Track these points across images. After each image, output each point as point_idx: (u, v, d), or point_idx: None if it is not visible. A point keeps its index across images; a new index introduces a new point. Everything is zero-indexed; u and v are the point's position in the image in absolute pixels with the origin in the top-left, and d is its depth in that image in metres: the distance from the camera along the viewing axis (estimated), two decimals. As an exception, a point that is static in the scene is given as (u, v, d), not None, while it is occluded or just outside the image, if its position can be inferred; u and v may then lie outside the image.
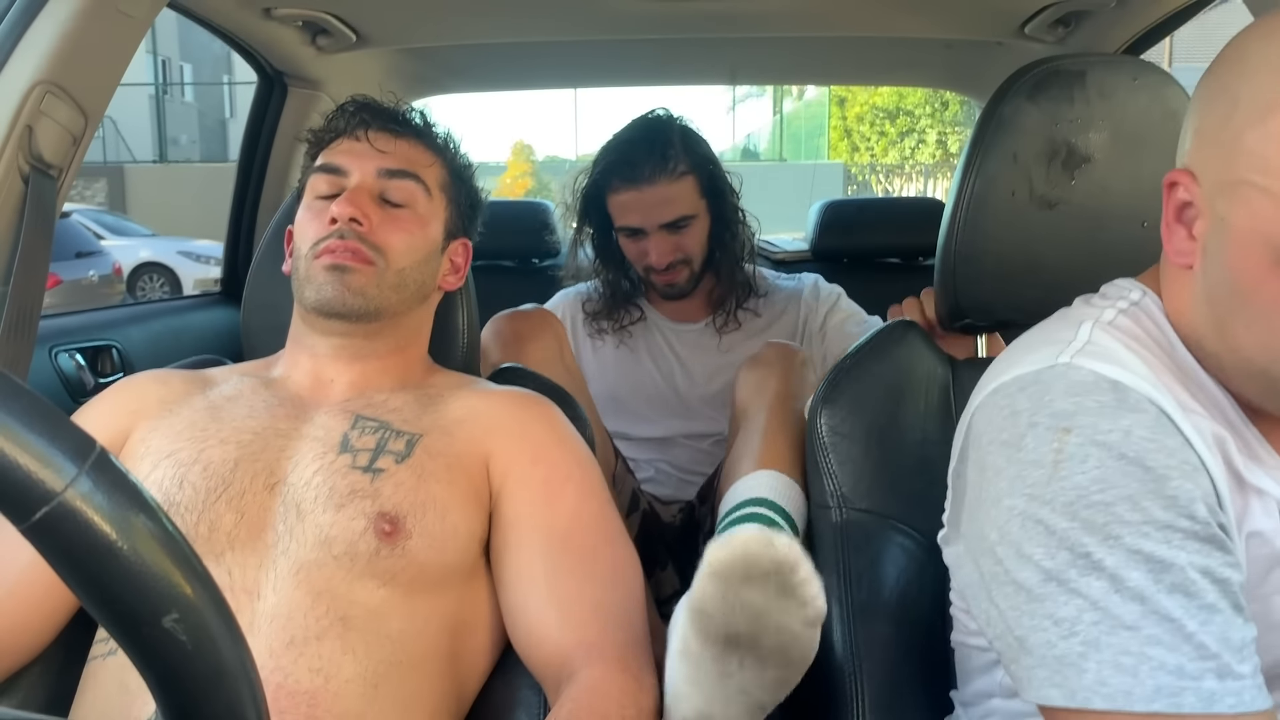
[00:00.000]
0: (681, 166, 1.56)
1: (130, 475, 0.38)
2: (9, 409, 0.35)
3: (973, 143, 0.98)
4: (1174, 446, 0.59)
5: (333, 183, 1.01)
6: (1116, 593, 0.56)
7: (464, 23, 1.84)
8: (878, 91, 17.26)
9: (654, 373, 1.66)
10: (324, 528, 0.85)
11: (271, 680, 0.77)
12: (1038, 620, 0.59)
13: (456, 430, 0.95)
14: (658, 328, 1.70)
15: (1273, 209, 0.57)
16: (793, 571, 0.70)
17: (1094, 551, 0.57)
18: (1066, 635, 0.57)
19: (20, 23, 1.02)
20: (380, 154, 1.01)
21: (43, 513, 0.35)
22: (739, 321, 1.66)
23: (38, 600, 0.86)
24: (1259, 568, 0.63)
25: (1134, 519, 0.57)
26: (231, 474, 0.88)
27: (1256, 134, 0.59)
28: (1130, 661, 0.55)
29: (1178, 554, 0.56)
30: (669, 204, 1.56)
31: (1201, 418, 0.63)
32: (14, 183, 1.02)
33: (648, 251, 1.59)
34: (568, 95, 18.51)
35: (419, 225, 1.01)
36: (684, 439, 1.63)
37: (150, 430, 0.94)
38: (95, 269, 8.52)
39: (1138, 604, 0.55)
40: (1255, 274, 0.59)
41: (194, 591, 0.38)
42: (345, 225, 0.96)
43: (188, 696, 0.38)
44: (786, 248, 2.49)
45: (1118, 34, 1.74)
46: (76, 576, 0.36)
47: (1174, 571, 0.55)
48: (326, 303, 0.95)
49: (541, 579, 0.89)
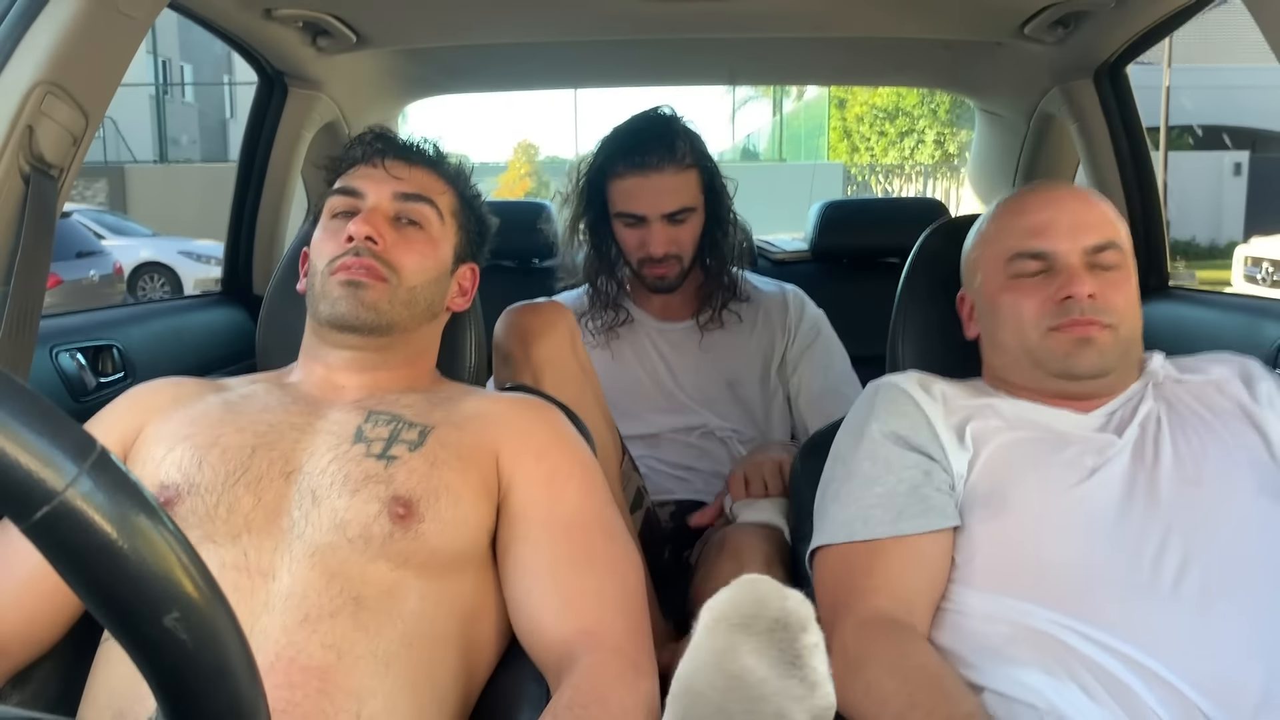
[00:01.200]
0: (688, 159, 1.58)
1: (131, 475, 0.38)
2: (9, 409, 0.35)
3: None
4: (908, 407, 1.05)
5: (349, 204, 1.06)
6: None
7: (464, 23, 1.84)
8: (877, 92, 17.24)
9: (639, 372, 1.68)
10: (339, 512, 0.88)
11: (285, 655, 0.80)
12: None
13: (467, 425, 0.98)
14: (643, 327, 1.71)
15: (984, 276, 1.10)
16: (802, 630, 0.59)
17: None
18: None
19: (20, 23, 1.02)
20: (396, 179, 1.06)
21: (43, 512, 0.35)
22: (722, 322, 1.68)
23: (49, 595, 0.87)
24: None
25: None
26: (249, 459, 0.91)
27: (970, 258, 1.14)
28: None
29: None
30: (674, 193, 1.57)
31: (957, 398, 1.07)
32: (14, 183, 1.02)
33: (646, 241, 1.60)
34: (568, 95, 18.51)
35: (431, 247, 1.06)
36: (671, 434, 1.65)
37: (164, 421, 0.96)
38: (96, 269, 8.52)
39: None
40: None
41: (195, 590, 0.38)
42: (361, 243, 1.00)
43: (188, 695, 0.38)
44: (786, 248, 2.49)
45: (1117, 35, 1.74)
46: (77, 576, 0.36)
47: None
48: (340, 316, 1.00)
49: (544, 570, 0.92)
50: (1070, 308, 0.99)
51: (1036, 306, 1.01)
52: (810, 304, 1.75)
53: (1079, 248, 1.01)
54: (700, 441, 1.63)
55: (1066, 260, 1.01)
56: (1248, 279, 9.35)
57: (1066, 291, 0.99)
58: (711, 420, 1.63)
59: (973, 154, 2.71)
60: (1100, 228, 1.03)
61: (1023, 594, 0.88)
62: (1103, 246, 1.02)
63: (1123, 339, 1.01)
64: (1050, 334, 1.00)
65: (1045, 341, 1.00)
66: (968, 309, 1.15)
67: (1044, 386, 1.03)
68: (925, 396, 1.04)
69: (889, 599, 0.92)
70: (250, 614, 0.81)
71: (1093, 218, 1.04)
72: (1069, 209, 1.04)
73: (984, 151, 2.57)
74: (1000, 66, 2.13)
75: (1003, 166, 2.41)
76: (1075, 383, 1.01)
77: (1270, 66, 3.24)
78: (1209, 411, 0.99)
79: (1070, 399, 1.03)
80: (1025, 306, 1.02)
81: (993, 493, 0.95)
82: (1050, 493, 0.93)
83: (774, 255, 2.43)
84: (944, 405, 1.03)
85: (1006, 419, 1.01)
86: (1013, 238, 1.06)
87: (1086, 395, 1.03)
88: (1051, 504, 0.93)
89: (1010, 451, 0.98)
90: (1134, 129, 1.89)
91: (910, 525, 0.95)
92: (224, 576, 0.83)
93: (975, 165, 2.67)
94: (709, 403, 1.65)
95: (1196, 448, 0.95)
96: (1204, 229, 14.79)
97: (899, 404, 1.03)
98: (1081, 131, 1.93)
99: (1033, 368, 1.03)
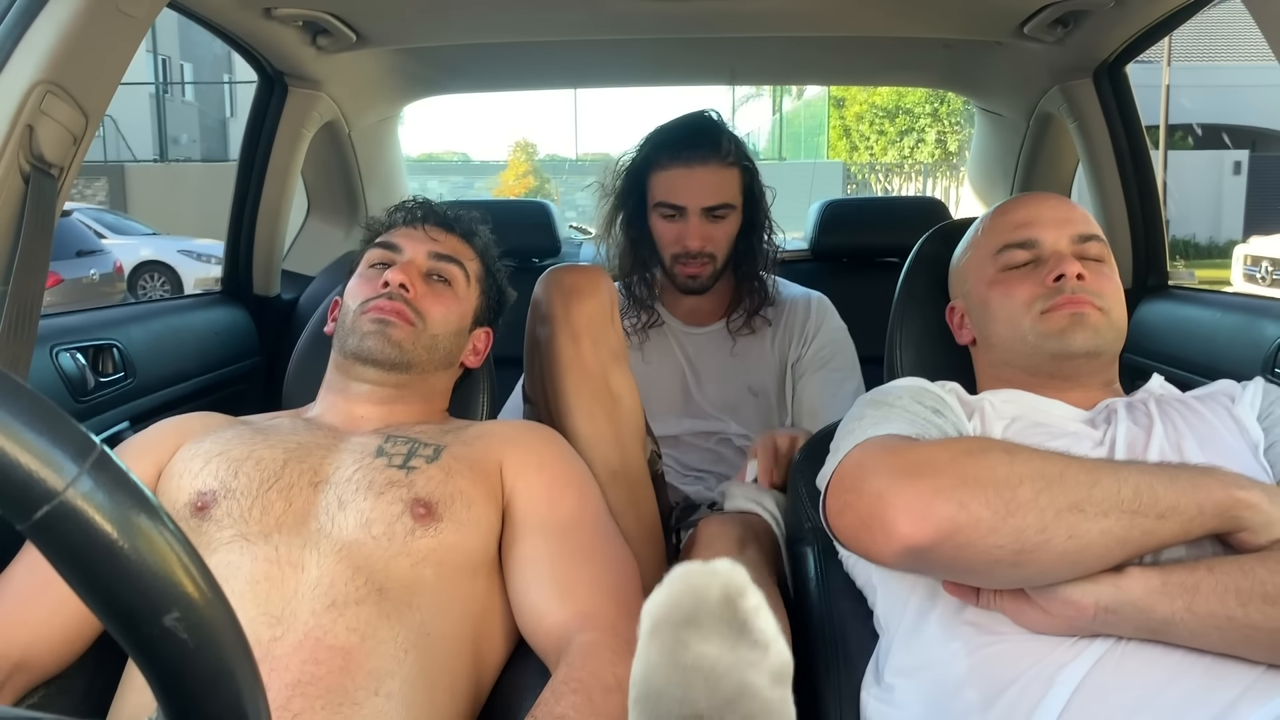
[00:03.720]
0: (731, 157, 1.60)
1: (131, 474, 0.38)
2: (10, 408, 0.35)
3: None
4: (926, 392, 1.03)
5: (387, 256, 1.18)
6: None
7: (464, 23, 1.84)
8: (877, 91, 17.24)
9: (665, 375, 1.68)
10: (364, 511, 0.96)
11: (312, 635, 0.86)
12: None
13: (475, 442, 1.08)
14: (670, 331, 1.72)
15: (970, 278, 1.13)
16: (741, 597, 0.57)
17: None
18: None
19: (20, 23, 1.02)
20: (433, 240, 1.20)
21: (43, 512, 0.35)
22: (752, 328, 1.68)
23: (83, 614, 0.92)
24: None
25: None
26: (281, 469, 0.99)
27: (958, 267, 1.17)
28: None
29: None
30: (716, 188, 1.58)
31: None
32: (14, 182, 1.02)
33: (683, 235, 1.60)
34: (568, 95, 18.51)
35: (456, 303, 1.19)
36: (690, 437, 1.65)
37: (198, 443, 1.05)
38: (96, 268, 8.52)
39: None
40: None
41: (195, 590, 0.38)
42: (395, 289, 1.13)
43: (189, 695, 0.38)
44: (786, 247, 2.48)
45: (1117, 34, 1.74)
46: (77, 575, 0.36)
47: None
48: (367, 350, 1.11)
49: (544, 563, 1.00)
50: (1062, 287, 1.00)
51: (1028, 292, 1.03)
52: (834, 315, 1.73)
53: (1065, 236, 1.05)
54: (717, 447, 1.64)
55: (1054, 247, 1.04)
56: (1247, 278, 9.35)
57: (1057, 272, 1.01)
58: (731, 427, 1.63)
59: (972, 153, 2.71)
60: (1084, 222, 1.07)
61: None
62: (1088, 237, 1.05)
63: (1114, 323, 1.02)
64: (1044, 316, 1.01)
65: (1040, 324, 1.01)
66: (958, 318, 1.15)
67: (1039, 378, 1.04)
68: (939, 388, 1.04)
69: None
70: (282, 599, 0.88)
71: (1075, 215, 1.08)
72: (1051, 205, 1.09)
73: (984, 150, 2.57)
74: (1000, 66, 2.12)
75: (1003, 165, 2.41)
76: (1071, 362, 1.01)
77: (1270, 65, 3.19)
78: (1201, 407, 1.00)
79: (1064, 391, 1.03)
80: (1017, 294, 1.04)
81: None
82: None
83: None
84: (956, 396, 1.04)
85: (1000, 412, 1.01)
86: (1000, 234, 1.09)
87: (1080, 379, 1.03)
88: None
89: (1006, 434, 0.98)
90: (1134, 128, 1.89)
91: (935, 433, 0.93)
92: (256, 568, 0.90)
93: (975, 164, 2.67)
94: (730, 409, 1.65)
95: (1189, 443, 0.95)
96: (1203, 228, 14.79)
97: (923, 388, 1.03)
98: (1081, 130, 1.93)
99: (1028, 356, 1.03)
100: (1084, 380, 1.04)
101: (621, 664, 0.86)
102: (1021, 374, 1.05)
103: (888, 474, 0.81)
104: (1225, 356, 1.53)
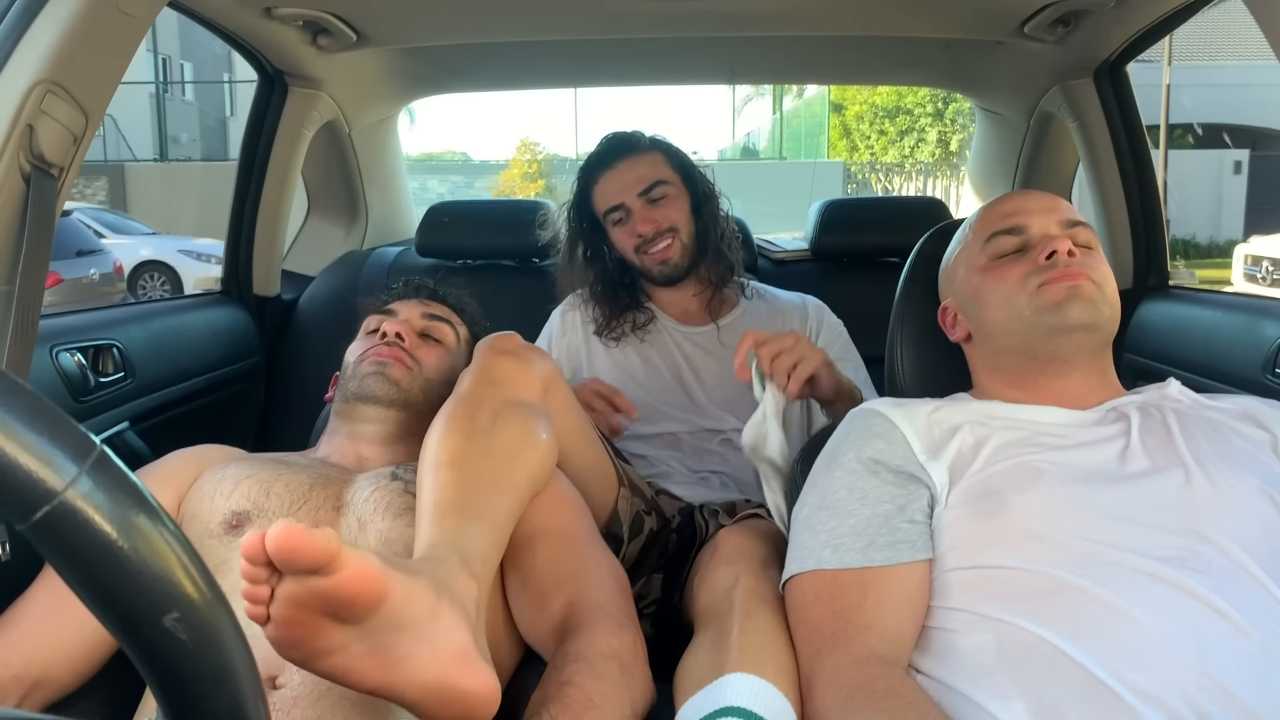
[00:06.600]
0: (646, 145, 1.75)
1: (131, 475, 0.38)
2: (10, 408, 0.35)
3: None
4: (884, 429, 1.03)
5: (383, 320, 1.31)
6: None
7: (464, 23, 1.84)
8: (877, 90, 17.22)
9: (665, 373, 1.71)
10: (384, 531, 1.04)
11: None
12: None
13: None
14: (667, 331, 1.75)
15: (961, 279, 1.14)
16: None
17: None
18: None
19: (20, 22, 1.02)
20: (426, 305, 1.36)
21: (43, 512, 0.35)
22: (735, 302, 1.75)
23: (103, 634, 0.95)
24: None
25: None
26: (309, 492, 1.08)
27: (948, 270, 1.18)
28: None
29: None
30: (642, 172, 1.70)
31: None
32: (15, 182, 1.02)
33: (635, 228, 1.68)
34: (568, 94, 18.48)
35: (448, 356, 1.31)
36: (693, 437, 1.67)
37: (221, 468, 1.11)
38: (96, 267, 8.52)
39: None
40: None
41: (195, 590, 0.38)
42: (392, 338, 1.26)
43: (189, 696, 0.38)
44: (786, 247, 2.48)
45: (1117, 34, 1.74)
46: (77, 575, 0.36)
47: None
48: (367, 389, 1.21)
49: (540, 566, 1.06)
50: (1055, 263, 1.01)
51: (1021, 273, 1.03)
52: (830, 314, 1.79)
53: (1053, 220, 1.06)
54: (720, 448, 1.65)
55: (1044, 231, 1.05)
56: (1248, 277, 9.35)
57: (1049, 249, 1.01)
58: (732, 423, 1.64)
59: (973, 153, 2.71)
60: (1071, 210, 1.08)
61: (1013, 604, 0.84)
62: (1075, 222, 1.07)
63: (1108, 298, 1.02)
64: (1040, 290, 1.01)
65: (1036, 298, 1.01)
66: (950, 317, 1.15)
67: (1037, 362, 1.03)
68: (900, 414, 1.02)
69: (880, 638, 0.89)
70: None
71: (1061, 204, 1.09)
72: (1037, 196, 1.12)
73: (984, 150, 2.57)
74: (1000, 65, 2.12)
75: (1003, 165, 2.41)
76: (1069, 337, 1.00)
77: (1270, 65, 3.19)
78: (1217, 413, 0.98)
79: (1063, 379, 1.02)
80: (1010, 276, 1.04)
81: (987, 494, 0.93)
82: (1045, 489, 0.92)
83: (774, 254, 2.43)
84: (925, 421, 1.01)
85: (996, 423, 0.99)
86: (988, 225, 1.10)
87: (1079, 362, 1.02)
88: (1046, 505, 0.91)
89: (1001, 455, 0.95)
90: (1134, 127, 1.89)
91: (881, 556, 0.92)
92: None
93: (975, 164, 2.67)
94: (731, 405, 1.65)
95: (1205, 447, 0.93)
96: (1204, 227, 14.78)
97: (874, 425, 1.02)
98: (1081, 130, 1.93)
99: (1025, 335, 1.02)
100: (1083, 364, 1.02)
101: (613, 636, 0.94)
102: (1019, 359, 1.04)
103: (846, 674, 0.87)
104: (1226, 356, 1.53)
